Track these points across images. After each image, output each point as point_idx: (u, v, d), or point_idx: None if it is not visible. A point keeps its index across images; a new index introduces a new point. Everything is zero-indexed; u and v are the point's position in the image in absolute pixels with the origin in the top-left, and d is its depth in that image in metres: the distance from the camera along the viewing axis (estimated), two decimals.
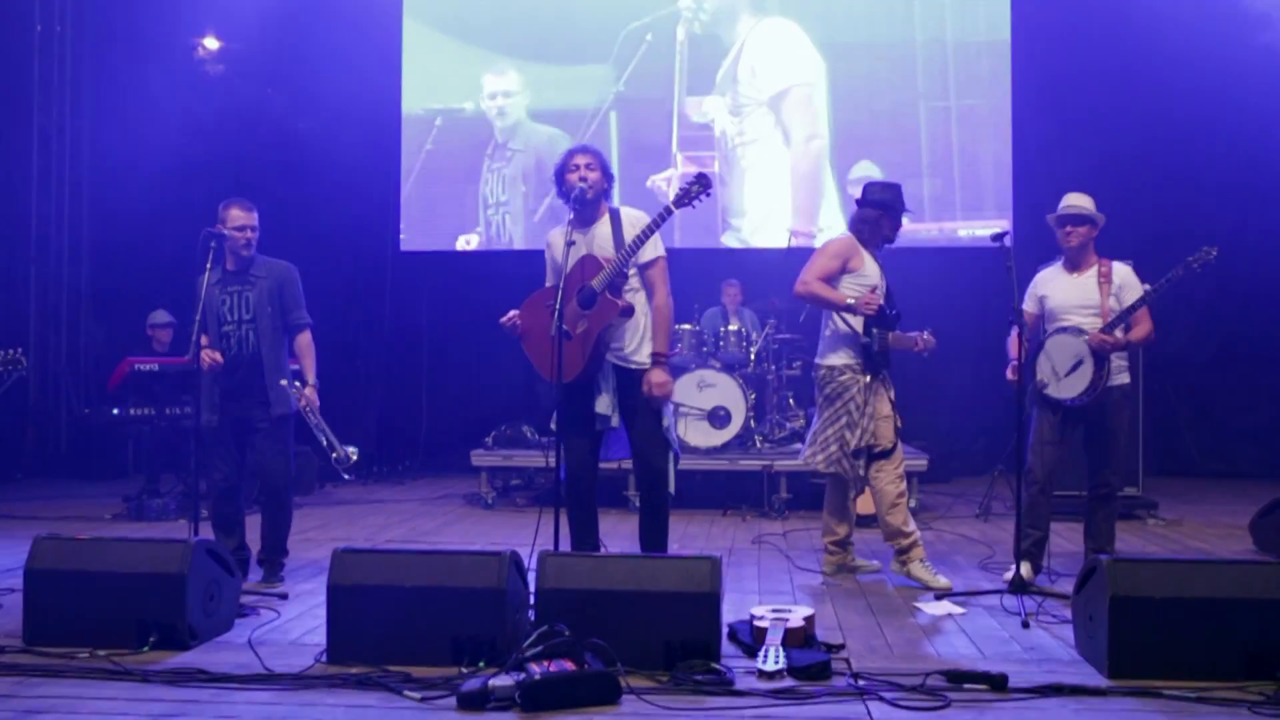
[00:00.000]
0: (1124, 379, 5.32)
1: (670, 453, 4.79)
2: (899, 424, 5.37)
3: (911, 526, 5.31)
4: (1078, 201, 5.38)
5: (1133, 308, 5.18)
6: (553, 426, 4.84)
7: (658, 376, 4.69)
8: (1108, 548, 5.31)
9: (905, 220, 5.59)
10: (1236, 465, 9.55)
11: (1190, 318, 9.59)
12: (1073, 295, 5.29)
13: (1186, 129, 9.35)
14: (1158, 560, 3.93)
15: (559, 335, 4.42)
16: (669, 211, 4.61)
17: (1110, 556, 3.94)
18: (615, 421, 4.73)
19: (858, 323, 5.24)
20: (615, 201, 4.92)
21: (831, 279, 5.25)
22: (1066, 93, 9.55)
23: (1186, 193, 9.35)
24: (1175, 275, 5.15)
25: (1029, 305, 5.48)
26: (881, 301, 5.21)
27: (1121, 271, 5.35)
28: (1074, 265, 5.36)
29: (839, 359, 5.31)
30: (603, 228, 4.75)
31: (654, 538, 4.82)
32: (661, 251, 4.78)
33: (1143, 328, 5.31)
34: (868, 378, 5.26)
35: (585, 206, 4.75)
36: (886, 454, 5.30)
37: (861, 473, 5.30)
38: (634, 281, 4.75)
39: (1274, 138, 8.87)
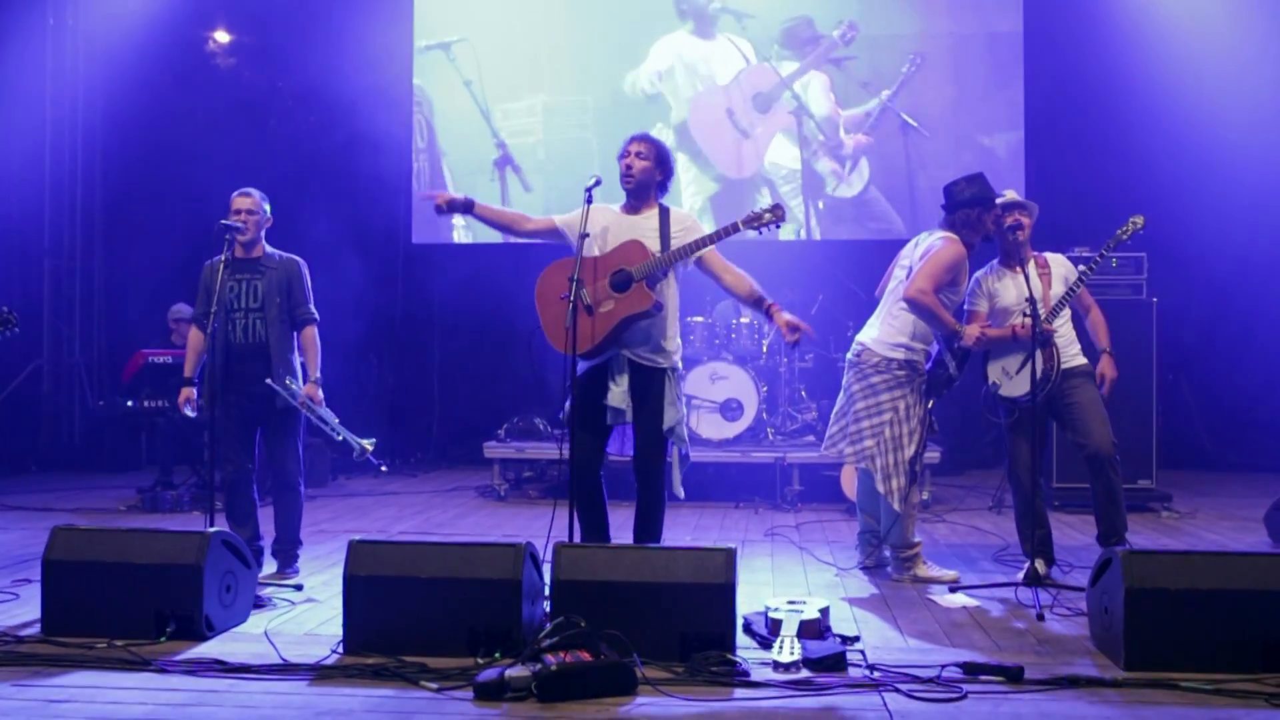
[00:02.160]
0: (1079, 361, 5.23)
1: (675, 453, 4.78)
2: (935, 429, 5.28)
3: (917, 537, 5.28)
4: (1017, 195, 5.36)
5: (1071, 290, 5.13)
6: (562, 417, 4.85)
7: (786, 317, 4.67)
8: (1117, 523, 5.19)
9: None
10: (1250, 457, 9.51)
11: (1203, 310, 9.56)
12: (1020, 293, 5.10)
13: (1200, 122, 9.30)
14: (1173, 553, 3.91)
15: (574, 306, 4.34)
16: (735, 229, 4.56)
17: (1125, 549, 3.93)
18: (629, 416, 4.71)
19: (918, 344, 5.12)
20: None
21: (940, 289, 5.01)
22: (1078, 82, 9.51)
23: (1200, 187, 9.30)
24: (1107, 250, 5.12)
25: (978, 305, 5.35)
26: (984, 336, 5.09)
27: (1059, 261, 5.32)
28: (1016, 261, 5.20)
29: (902, 352, 5.12)
30: (650, 220, 4.69)
31: (647, 533, 4.80)
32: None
33: (1095, 311, 5.31)
34: (921, 379, 5.16)
35: (631, 194, 4.73)
36: None
37: (905, 485, 5.10)
38: (668, 281, 4.71)
39: None
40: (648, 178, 4.71)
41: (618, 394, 4.67)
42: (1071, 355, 5.23)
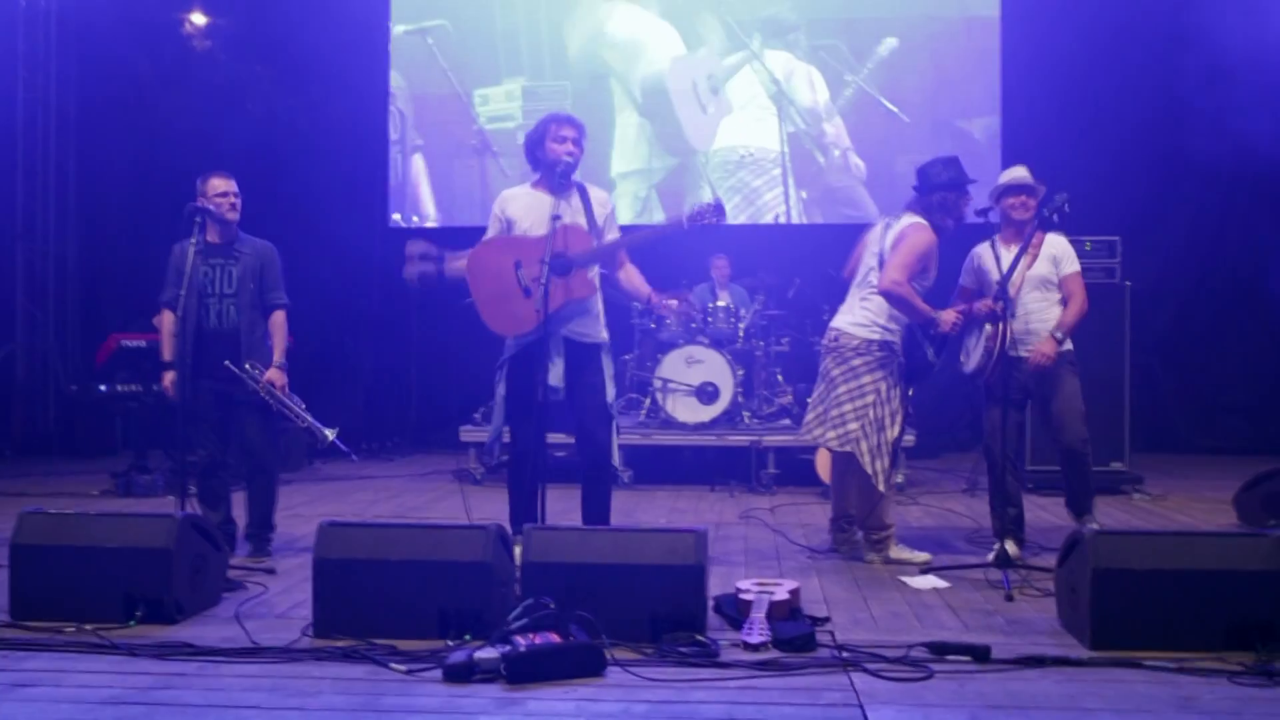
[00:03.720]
0: (1064, 347, 5.26)
1: (613, 425, 4.83)
2: (909, 411, 5.28)
3: (892, 518, 5.31)
4: (1024, 174, 5.36)
5: (1015, 265, 5.07)
6: (499, 398, 4.87)
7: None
8: (1086, 511, 5.30)
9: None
10: (1222, 441, 9.58)
11: (1177, 294, 9.62)
12: (998, 269, 5.13)
13: (1176, 109, 9.34)
14: (1139, 533, 3.97)
15: (543, 297, 4.39)
16: (679, 227, 4.64)
17: (1093, 529, 3.96)
18: (563, 394, 4.75)
19: (894, 325, 5.13)
20: None
21: (913, 277, 5.01)
22: (1056, 68, 9.53)
23: (1175, 173, 9.35)
24: (1031, 229, 5.16)
25: (965, 280, 5.43)
26: (959, 320, 5.08)
27: (1055, 242, 5.33)
28: (1018, 238, 5.24)
29: (879, 333, 5.12)
30: (574, 201, 4.77)
31: (597, 512, 4.82)
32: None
33: (1074, 303, 5.27)
34: (898, 363, 5.15)
35: (562, 176, 4.75)
36: None
37: (889, 467, 5.13)
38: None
39: (1265, 118, 8.86)
40: (578, 161, 4.78)
41: (556, 373, 4.70)
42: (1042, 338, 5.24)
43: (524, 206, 4.80)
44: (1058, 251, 5.31)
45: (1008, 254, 5.19)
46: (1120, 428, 7.28)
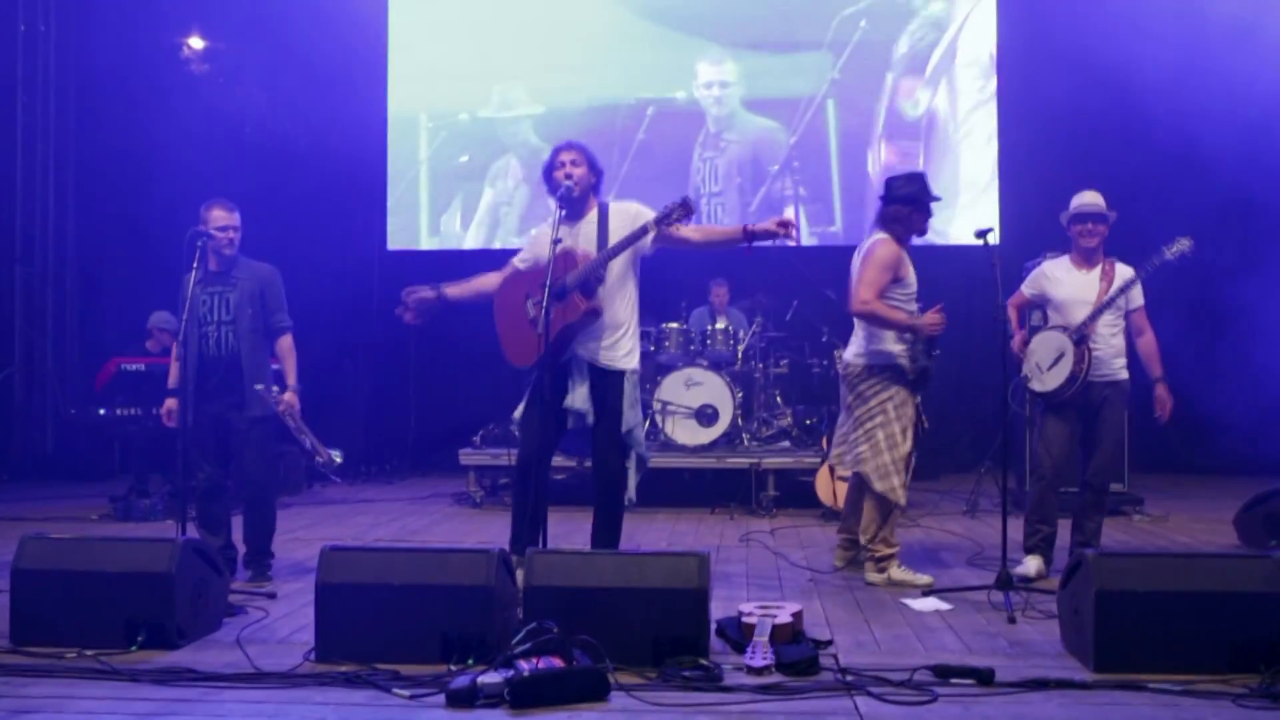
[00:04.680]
0: (1123, 375, 5.36)
1: (633, 456, 4.80)
2: (925, 426, 5.30)
3: (897, 539, 5.32)
4: (1095, 199, 5.43)
5: (1111, 300, 5.26)
6: (516, 416, 4.86)
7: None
8: (1092, 535, 5.35)
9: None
10: (1222, 461, 9.56)
11: (1175, 314, 9.62)
12: (1080, 292, 5.33)
13: (1171, 133, 9.38)
14: (1142, 554, 3.96)
15: (544, 324, 4.39)
16: (644, 231, 4.62)
17: (1095, 551, 3.96)
18: (591, 419, 4.73)
19: (898, 345, 5.15)
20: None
21: (884, 292, 5.09)
22: (1051, 92, 9.57)
23: (1170, 195, 9.38)
24: (1151, 267, 5.30)
25: (1026, 289, 5.57)
26: (942, 322, 5.11)
27: (1125, 273, 5.39)
28: (1087, 262, 5.40)
29: (879, 359, 5.18)
30: (589, 225, 4.77)
31: (606, 540, 4.80)
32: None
33: (1148, 336, 5.43)
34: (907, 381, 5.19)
35: (573, 203, 4.76)
36: None
37: (903, 484, 5.17)
38: (617, 282, 4.75)
39: (1261, 143, 8.91)
40: (586, 183, 4.78)
41: (579, 397, 4.70)
42: (1117, 368, 5.35)
43: (537, 240, 4.84)
44: (1125, 283, 5.35)
45: (1080, 275, 5.38)
46: (1120, 449, 7.26)
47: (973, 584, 5.11)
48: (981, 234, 5.24)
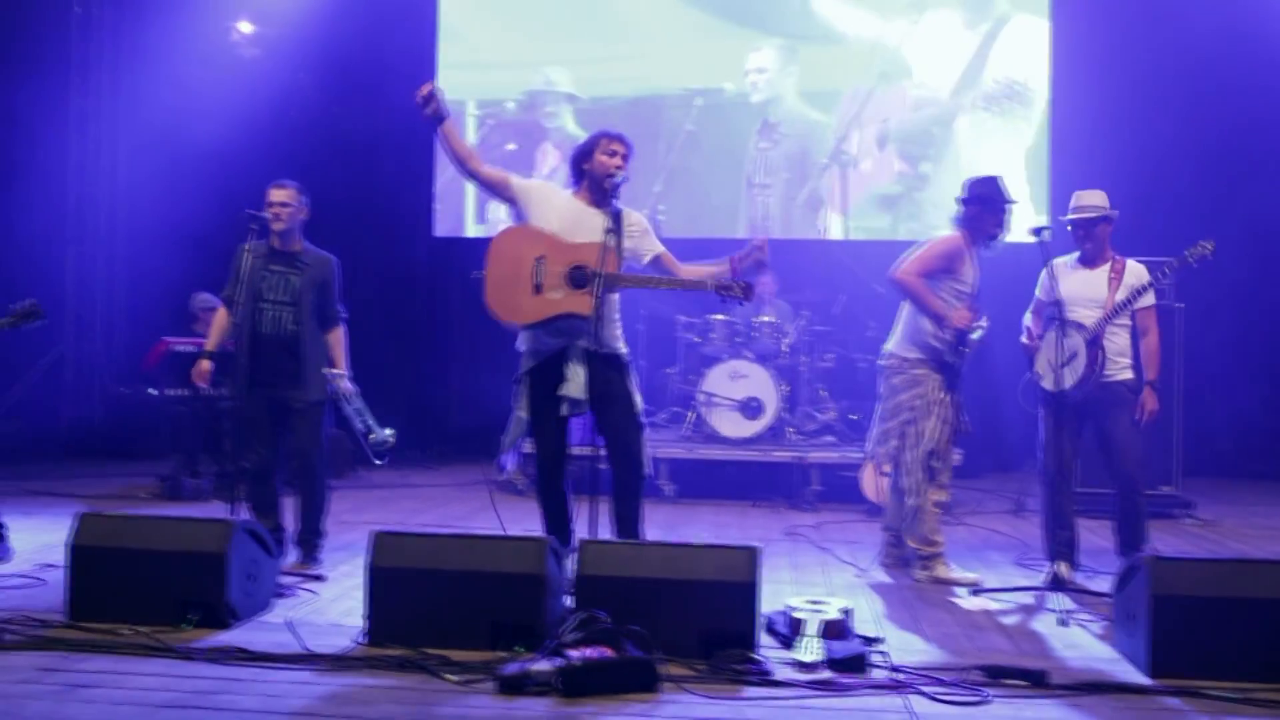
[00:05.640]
0: (1127, 375, 5.25)
1: (644, 433, 4.78)
2: (967, 429, 5.28)
3: (941, 536, 5.28)
4: (1092, 200, 5.32)
5: (1126, 303, 5.16)
6: (520, 412, 4.83)
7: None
8: (1138, 538, 5.21)
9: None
10: (1274, 465, 9.44)
11: (1230, 317, 9.49)
12: (1082, 290, 5.22)
13: (1230, 127, 9.24)
14: (1200, 560, 3.91)
15: (599, 296, 4.38)
16: (702, 287, 4.58)
17: (1152, 555, 3.91)
18: (585, 408, 4.68)
19: (935, 339, 5.15)
20: None
21: (933, 277, 5.11)
22: (1105, 79, 9.44)
23: (1229, 193, 9.23)
24: (1169, 270, 5.19)
25: (1039, 292, 5.47)
26: (974, 321, 5.10)
27: (1136, 271, 5.29)
28: (1090, 261, 5.31)
29: (914, 351, 5.21)
30: (605, 220, 4.70)
31: (630, 522, 4.76)
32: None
33: (1151, 337, 5.28)
34: (941, 378, 5.19)
35: (605, 193, 4.73)
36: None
37: (926, 477, 5.17)
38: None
39: None
40: (625, 178, 4.73)
41: (576, 385, 4.62)
42: (1121, 367, 5.23)
43: (559, 209, 4.70)
44: (1136, 282, 5.26)
45: (1085, 272, 5.29)
46: (1171, 451, 7.19)
47: (1021, 583, 5.07)
48: (1037, 231, 5.20)
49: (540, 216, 4.67)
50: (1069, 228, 5.32)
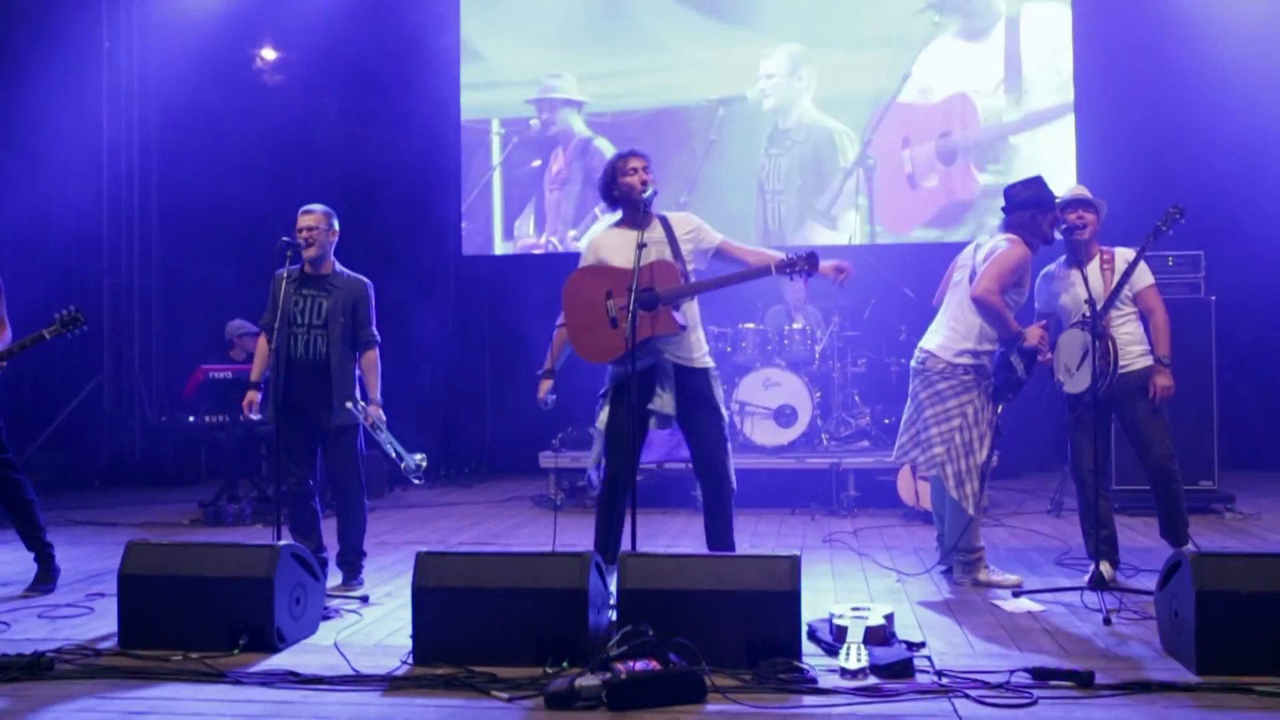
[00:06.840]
0: (1143, 363, 5.18)
1: (729, 446, 4.84)
2: (999, 432, 5.23)
3: (981, 542, 5.26)
4: (1084, 191, 5.31)
5: (1122, 281, 5.10)
6: (600, 425, 4.88)
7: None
8: (1181, 535, 5.20)
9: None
10: None
11: (1263, 307, 9.41)
12: (1082, 288, 5.06)
13: (1258, 117, 9.17)
14: (1244, 555, 3.88)
15: (631, 328, 4.41)
16: (768, 272, 4.67)
17: (1195, 551, 3.89)
18: (672, 422, 4.76)
19: (991, 345, 5.12)
20: None
21: (1005, 291, 5.02)
22: (1135, 73, 9.40)
23: (1259, 184, 9.16)
24: (1147, 244, 5.11)
25: (1038, 304, 5.44)
26: (1045, 341, 5.08)
27: (1124, 253, 5.24)
28: (1080, 259, 5.21)
29: (968, 358, 5.12)
30: (655, 232, 4.75)
31: (722, 535, 4.82)
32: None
33: (1159, 315, 5.21)
34: (988, 385, 5.15)
35: (636, 209, 4.78)
36: None
37: (979, 490, 5.12)
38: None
39: None
40: (654, 188, 4.79)
41: (667, 399, 4.71)
42: (1134, 355, 5.17)
43: (614, 247, 4.78)
44: (1130, 264, 5.22)
45: (1078, 272, 5.16)
46: (1209, 445, 7.13)
47: (1063, 584, 5.05)
48: (1067, 232, 5.18)
49: (611, 262, 4.75)
50: (1063, 226, 5.19)
